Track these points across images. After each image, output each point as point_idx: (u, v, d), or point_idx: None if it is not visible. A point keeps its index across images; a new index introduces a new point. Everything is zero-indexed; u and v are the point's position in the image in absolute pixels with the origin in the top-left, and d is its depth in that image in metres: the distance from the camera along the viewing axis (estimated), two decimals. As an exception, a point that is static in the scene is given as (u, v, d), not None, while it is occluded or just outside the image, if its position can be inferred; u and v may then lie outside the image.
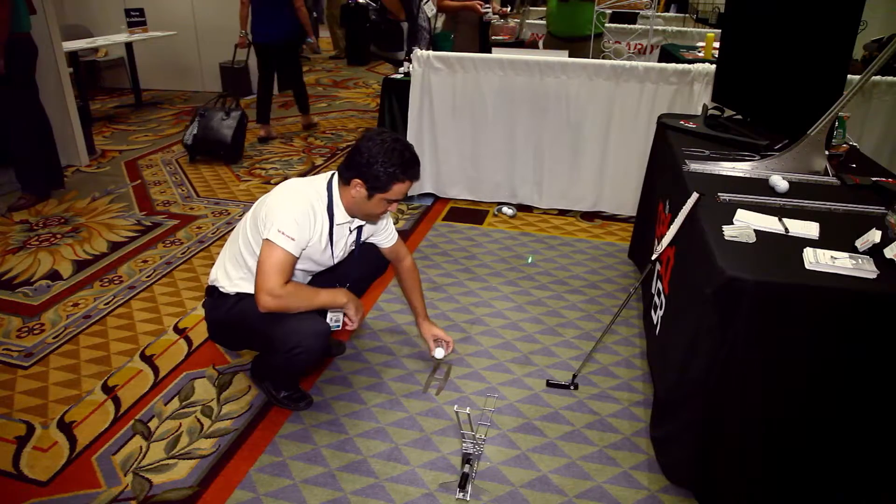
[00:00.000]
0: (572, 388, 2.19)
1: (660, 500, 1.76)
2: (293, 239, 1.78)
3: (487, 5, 4.78)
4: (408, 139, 3.71)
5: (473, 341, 2.47)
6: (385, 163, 1.80)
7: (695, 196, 1.82)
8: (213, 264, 2.06)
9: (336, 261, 2.03)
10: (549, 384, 2.21)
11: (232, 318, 1.94)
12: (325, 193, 1.91)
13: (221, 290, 1.97)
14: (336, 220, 1.93)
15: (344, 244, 2.03)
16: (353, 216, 1.96)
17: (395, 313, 2.64)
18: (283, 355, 1.86)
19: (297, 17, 4.76)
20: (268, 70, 4.95)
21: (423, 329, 2.26)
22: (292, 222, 1.79)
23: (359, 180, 1.83)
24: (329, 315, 1.96)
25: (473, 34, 4.83)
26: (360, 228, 2.04)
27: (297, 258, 1.84)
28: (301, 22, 4.81)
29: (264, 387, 2.11)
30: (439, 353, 2.21)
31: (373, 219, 2.01)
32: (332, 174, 1.95)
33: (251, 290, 1.84)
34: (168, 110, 6.20)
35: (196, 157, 4.64)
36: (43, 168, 3.82)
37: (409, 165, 1.82)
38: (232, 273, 1.96)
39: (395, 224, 3.51)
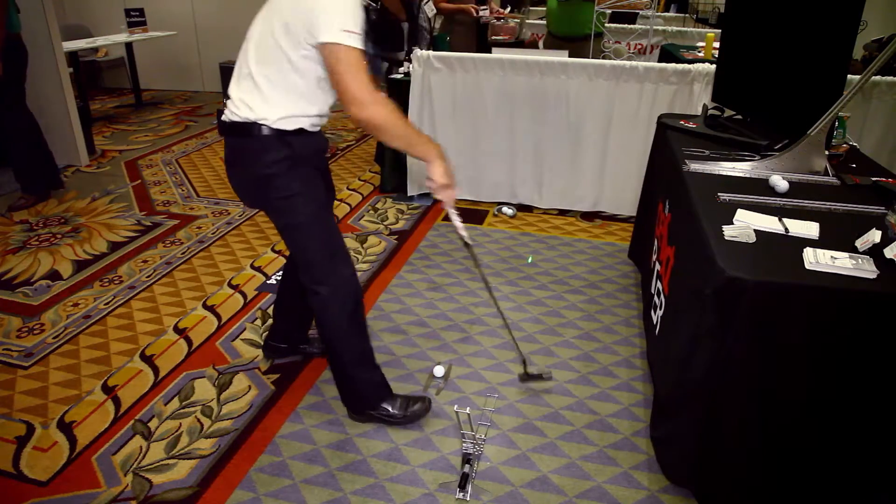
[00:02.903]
0: (545, 377, 2.17)
1: (660, 500, 1.76)
2: (357, 34, 1.54)
3: (484, 7, 4.77)
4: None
5: (473, 341, 2.47)
6: None
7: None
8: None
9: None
10: (522, 378, 2.19)
11: (282, 184, 1.71)
12: None
13: (262, 124, 1.66)
14: None
15: None
16: None
17: (395, 313, 2.64)
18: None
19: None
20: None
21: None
22: (352, 14, 1.54)
23: None
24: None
25: (470, 36, 4.83)
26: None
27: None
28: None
29: (377, 415, 1.99)
30: (439, 370, 2.22)
31: None
32: None
33: (301, 116, 1.66)
34: (168, 110, 6.20)
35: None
36: (42, 168, 3.82)
37: None
38: (274, 96, 1.65)
39: (395, 224, 3.53)
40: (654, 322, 2.16)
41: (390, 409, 1.98)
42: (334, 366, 1.97)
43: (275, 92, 1.67)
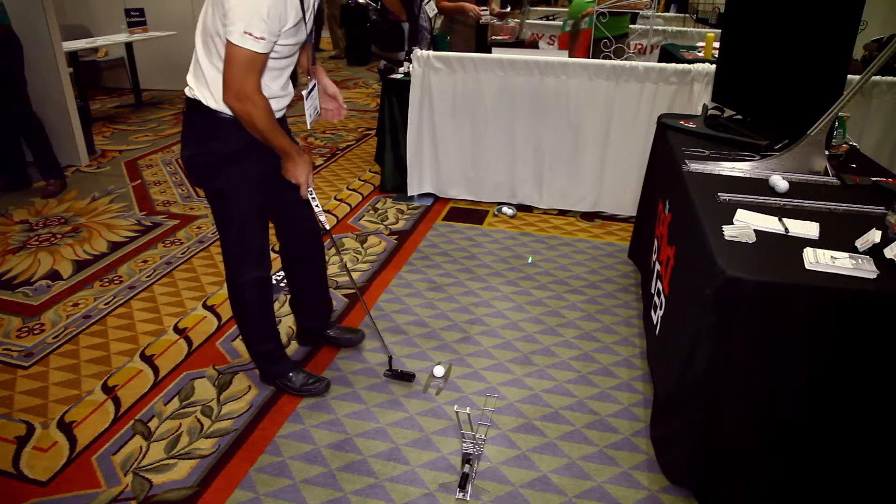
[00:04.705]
0: (407, 377, 2.21)
1: (660, 500, 1.76)
2: (263, 38, 1.60)
3: (484, 7, 4.77)
4: (408, 139, 3.74)
5: (473, 341, 2.47)
6: None
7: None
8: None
9: (308, 28, 1.81)
10: (385, 374, 2.24)
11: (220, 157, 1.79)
12: None
13: (205, 102, 1.76)
14: None
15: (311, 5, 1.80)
16: None
17: (395, 313, 2.64)
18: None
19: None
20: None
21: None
22: (260, 19, 1.57)
23: None
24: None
25: (470, 36, 4.83)
26: None
27: (269, 53, 1.68)
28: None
29: (278, 384, 2.15)
30: (439, 370, 2.23)
31: None
32: None
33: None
34: (168, 110, 6.19)
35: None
36: (49, 154, 3.91)
37: None
38: (211, 78, 1.74)
39: (395, 224, 3.53)
40: (655, 322, 2.16)
41: (292, 378, 2.15)
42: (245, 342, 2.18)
43: (211, 74, 1.74)
